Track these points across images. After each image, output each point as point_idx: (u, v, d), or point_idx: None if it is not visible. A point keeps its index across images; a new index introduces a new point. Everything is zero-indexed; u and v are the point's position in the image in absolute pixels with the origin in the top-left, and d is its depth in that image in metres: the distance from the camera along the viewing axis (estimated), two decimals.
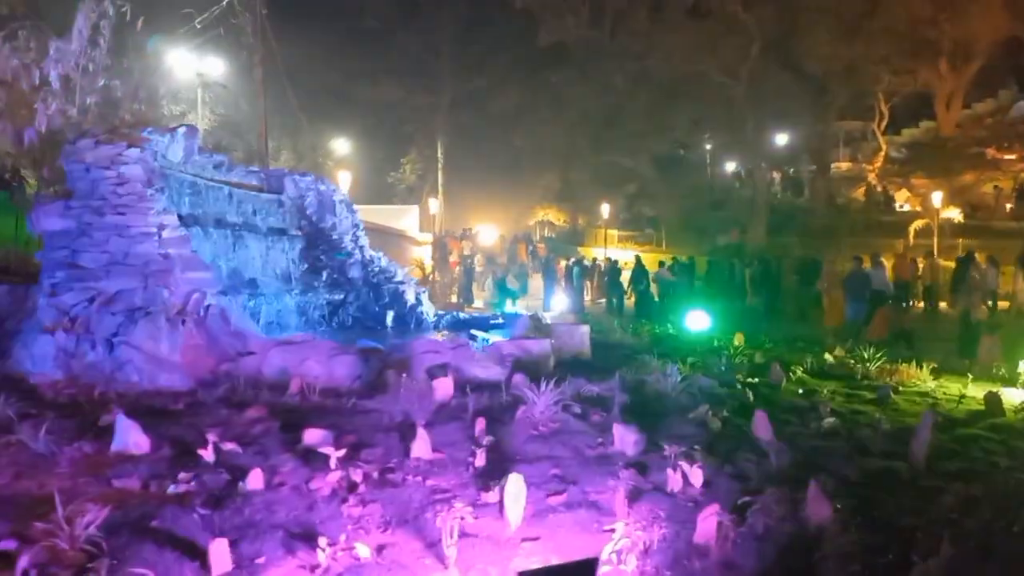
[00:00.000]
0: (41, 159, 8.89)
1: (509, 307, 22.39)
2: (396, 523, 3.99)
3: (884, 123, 36.37)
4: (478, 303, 23.40)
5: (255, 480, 4.32)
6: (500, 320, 12.08)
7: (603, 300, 22.35)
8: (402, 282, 12.23)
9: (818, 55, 32.14)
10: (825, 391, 7.42)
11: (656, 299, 17.51)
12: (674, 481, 4.51)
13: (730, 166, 43.49)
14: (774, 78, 31.95)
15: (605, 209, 30.03)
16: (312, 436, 5.10)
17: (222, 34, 17.23)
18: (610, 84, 35.97)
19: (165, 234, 7.59)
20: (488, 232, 40.20)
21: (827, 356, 9.74)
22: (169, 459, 4.77)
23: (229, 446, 4.84)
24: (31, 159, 9.10)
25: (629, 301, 18.95)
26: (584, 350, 9.37)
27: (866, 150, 38.50)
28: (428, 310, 12.29)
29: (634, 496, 4.44)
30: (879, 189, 35.95)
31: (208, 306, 7.27)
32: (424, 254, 26.33)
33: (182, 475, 4.46)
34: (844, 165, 39.04)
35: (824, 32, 31.53)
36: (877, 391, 7.52)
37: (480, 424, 5.46)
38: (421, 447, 5.01)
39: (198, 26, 16.96)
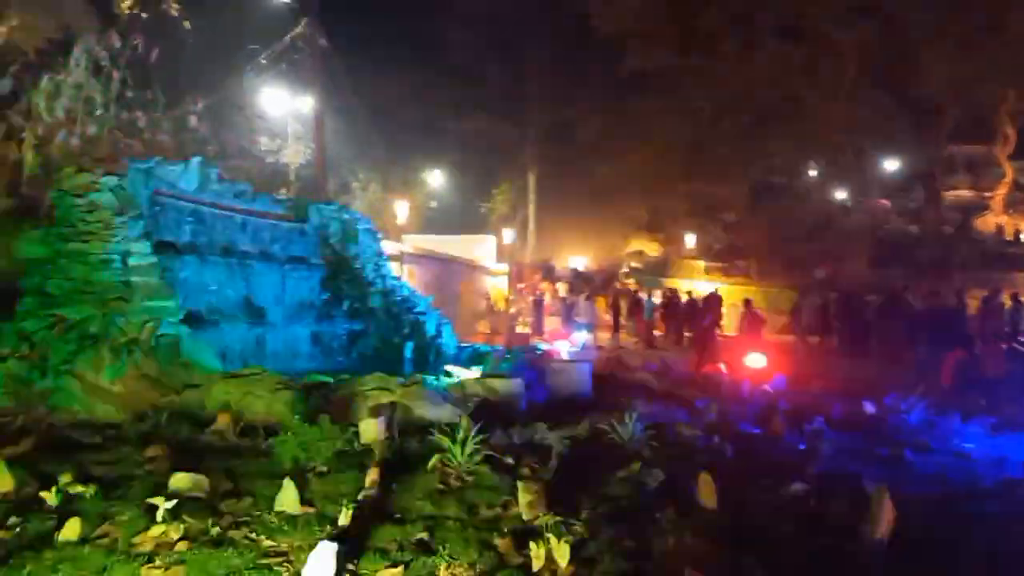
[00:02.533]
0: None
1: (577, 340, 21.68)
2: None
3: (1010, 147, 33.27)
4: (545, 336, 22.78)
5: (71, 530, 3.93)
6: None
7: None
8: (423, 312, 11.87)
9: (930, 74, 29.73)
10: (825, 447, 6.35)
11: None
12: (536, 559, 3.77)
13: (840, 194, 41.04)
14: (876, 100, 29.85)
15: (690, 239, 28.75)
16: (179, 481, 4.69)
17: (284, 69, 17.63)
18: (698, 110, 34.76)
19: (131, 262, 7.51)
20: (578, 263, 39.64)
21: (867, 406, 8.52)
22: (21, 500, 4.47)
23: (79, 489, 4.49)
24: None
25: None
26: (583, 389, 8.61)
27: (989, 176, 35.28)
28: (449, 342, 11.84)
29: (485, 574, 3.74)
30: (1002, 218, 32.79)
31: (160, 336, 7.07)
32: (498, 284, 26.03)
33: (12, 520, 4.14)
34: (963, 193, 35.93)
35: (938, 48, 29.09)
36: (894, 449, 6.37)
37: (372, 475, 4.88)
38: (287, 499, 4.49)
39: (264, 62, 17.45)
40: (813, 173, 40.92)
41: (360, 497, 4.60)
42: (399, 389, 6.73)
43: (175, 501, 4.16)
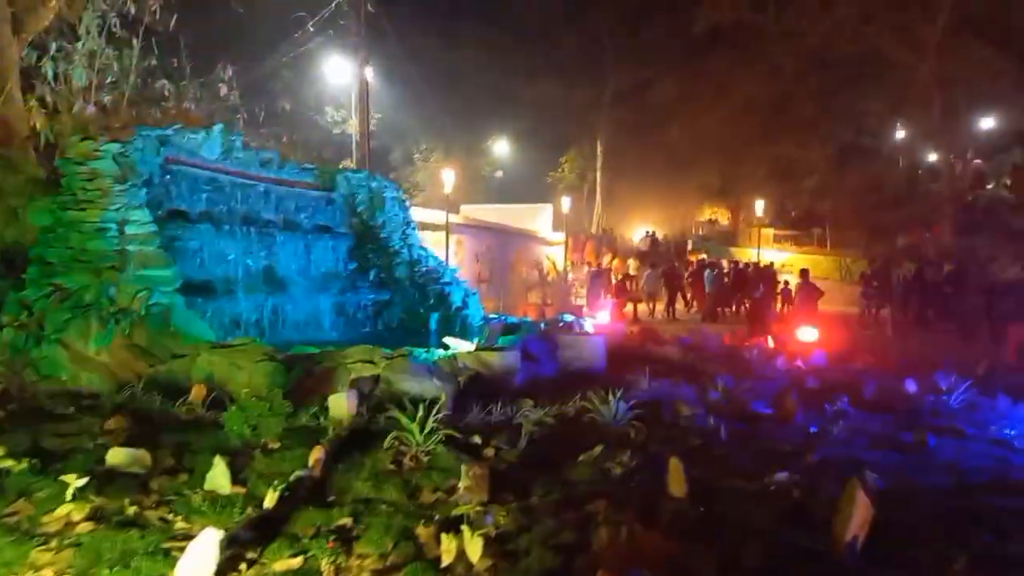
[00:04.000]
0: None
1: (629, 312, 21.09)
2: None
3: None
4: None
5: None
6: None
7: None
8: (449, 283, 11.58)
9: None
10: (838, 430, 5.71)
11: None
12: (446, 552, 3.41)
13: (931, 157, 38.39)
14: (969, 52, 27.48)
15: (760, 206, 27.47)
16: (116, 456, 4.55)
17: (332, 35, 17.48)
18: (777, 68, 32.95)
19: (128, 230, 7.45)
20: (645, 232, 38.67)
21: (908, 385, 7.74)
22: None
23: (8, 464, 4.39)
24: None
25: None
26: (596, 364, 8.14)
27: None
28: (475, 313, 11.53)
29: (392, 569, 3.41)
30: None
31: (152, 305, 7.00)
32: (553, 254, 25.53)
33: None
34: None
35: None
36: (919, 433, 5.68)
37: (316, 453, 4.61)
38: (218, 478, 4.27)
39: (311, 29, 17.35)
40: (902, 135, 38.47)
41: (293, 478, 4.34)
42: (383, 362, 6.44)
43: (86, 480, 3.99)
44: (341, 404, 5.62)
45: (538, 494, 4.27)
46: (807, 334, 12.46)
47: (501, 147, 40.99)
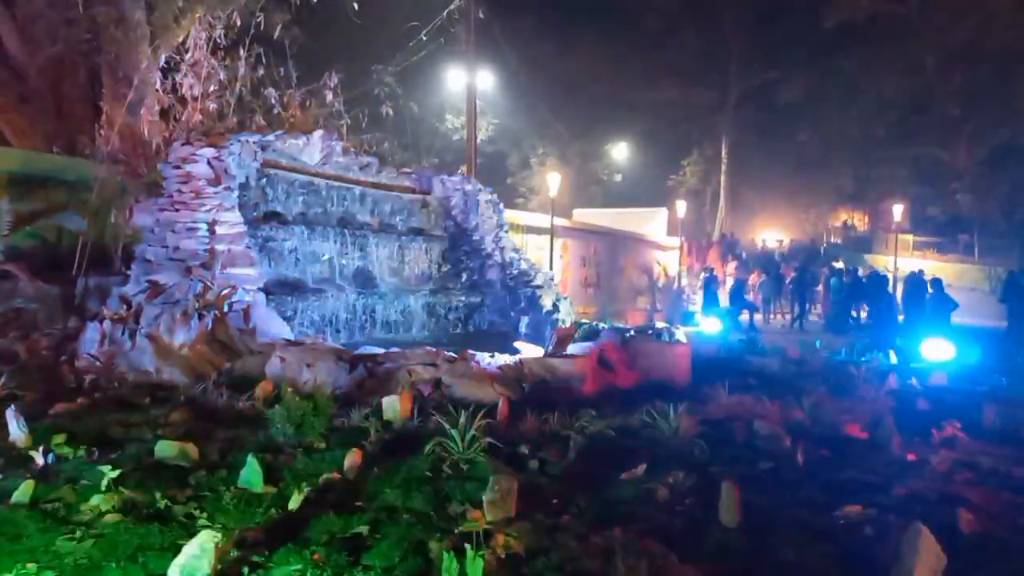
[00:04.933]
0: None
1: (745, 319, 20.14)
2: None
3: None
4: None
5: (24, 492, 3.95)
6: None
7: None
8: (540, 286, 11.37)
9: None
10: (938, 462, 5.01)
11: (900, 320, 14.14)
12: (448, 572, 3.19)
13: None
14: None
15: (897, 210, 25.48)
16: (164, 449, 4.64)
17: (443, 43, 17.73)
18: (919, 64, 30.54)
19: (219, 230, 7.73)
20: (771, 238, 37.05)
21: None
22: (21, 457, 4.63)
23: (65, 450, 4.57)
24: None
25: None
26: (679, 375, 7.68)
27: None
28: (565, 318, 11.25)
29: None
30: None
31: (234, 302, 7.22)
32: (666, 260, 24.75)
33: None
34: None
35: None
36: None
37: (354, 456, 4.52)
38: (251, 476, 4.25)
39: (423, 38, 17.68)
40: None
41: (323, 480, 4.27)
42: (444, 365, 6.32)
43: (119, 471, 4.06)
44: (394, 406, 5.54)
45: (570, 513, 3.98)
46: (935, 350, 11.35)
47: (619, 151, 40.39)
